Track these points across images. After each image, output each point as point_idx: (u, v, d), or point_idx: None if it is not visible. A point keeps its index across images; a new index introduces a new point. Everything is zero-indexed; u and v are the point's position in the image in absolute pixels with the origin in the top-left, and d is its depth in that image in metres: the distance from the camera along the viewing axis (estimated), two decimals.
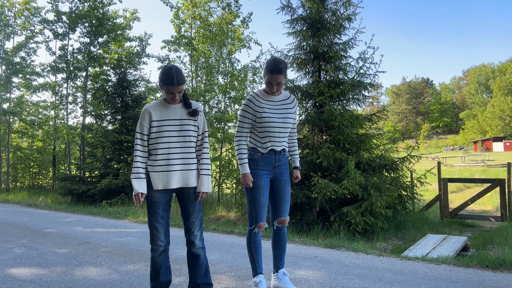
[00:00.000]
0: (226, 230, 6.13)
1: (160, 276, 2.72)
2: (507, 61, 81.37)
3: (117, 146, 12.44)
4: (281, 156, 3.02)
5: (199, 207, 2.76)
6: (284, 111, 2.98)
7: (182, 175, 2.68)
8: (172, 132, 2.64)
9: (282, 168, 3.04)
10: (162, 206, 2.67)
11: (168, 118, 2.65)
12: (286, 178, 3.06)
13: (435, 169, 8.84)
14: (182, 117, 2.68)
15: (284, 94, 3.05)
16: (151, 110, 2.65)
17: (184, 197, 2.73)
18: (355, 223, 6.40)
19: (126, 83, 13.10)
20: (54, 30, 15.92)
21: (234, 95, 13.09)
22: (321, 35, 7.96)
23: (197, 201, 2.73)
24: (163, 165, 2.64)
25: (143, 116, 2.65)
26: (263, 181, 2.94)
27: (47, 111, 17.94)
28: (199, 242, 2.77)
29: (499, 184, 8.28)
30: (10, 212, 8.97)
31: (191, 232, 2.74)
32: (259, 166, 2.94)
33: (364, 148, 7.88)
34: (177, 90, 2.58)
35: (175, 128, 2.65)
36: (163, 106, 2.68)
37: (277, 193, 3.03)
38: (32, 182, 19.98)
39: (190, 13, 13.72)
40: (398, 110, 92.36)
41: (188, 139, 2.68)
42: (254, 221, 2.94)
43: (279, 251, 3.08)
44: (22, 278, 3.53)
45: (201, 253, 2.78)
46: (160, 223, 2.66)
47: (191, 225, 2.73)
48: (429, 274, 3.62)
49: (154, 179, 2.63)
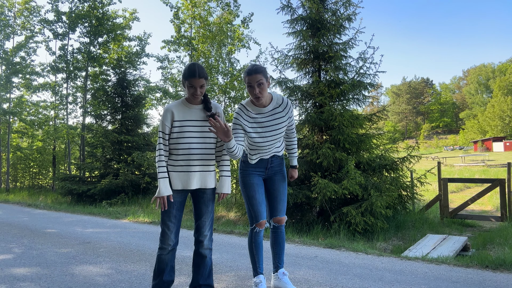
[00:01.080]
0: (226, 230, 6.13)
1: (164, 275, 2.72)
2: (507, 61, 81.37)
3: (117, 146, 12.44)
4: (274, 159, 3.02)
5: (212, 208, 2.77)
6: (273, 121, 2.88)
7: (201, 176, 2.68)
8: (193, 133, 2.64)
9: (276, 169, 3.05)
10: (176, 206, 2.67)
11: (190, 119, 2.65)
12: (280, 177, 3.06)
13: (435, 169, 8.84)
14: (204, 118, 2.68)
15: (276, 101, 2.90)
16: (174, 110, 2.64)
17: (200, 197, 2.74)
18: (355, 223, 6.40)
19: (126, 83, 13.10)
20: (54, 30, 15.92)
21: (234, 95, 13.09)
22: (321, 35, 7.96)
23: (218, 201, 2.79)
24: (183, 165, 2.64)
25: (165, 115, 2.63)
26: (255, 179, 2.96)
27: (47, 111, 17.95)
28: (208, 243, 2.77)
29: (499, 184, 8.27)
30: (10, 212, 8.97)
31: (201, 232, 2.75)
32: (251, 168, 2.98)
33: (364, 148, 7.88)
34: (198, 84, 2.58)
35: (196, 129, 2.65)
36: (185, 106, 2.68)
37: (271, 193, 3.04)
38: (32, 182, 19.99)
39: (190, 13, 13.73)
40: (398, 110, 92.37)
41: (208, 140, 2.69)
42: (254, 220, 2.94)
43: (277, 250, 3.08)
44: (22, 278, 3.53)
45: (207, 255, 2.79)
46: (173, 222, 2.66)
47: (202, 224, 2.74)
48: (429, 274, 3.62)
49: (173, 179, 2.63)
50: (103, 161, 12.70)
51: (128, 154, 12.25)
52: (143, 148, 12.79)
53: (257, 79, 2.70)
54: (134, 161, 11.78)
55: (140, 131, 13.49)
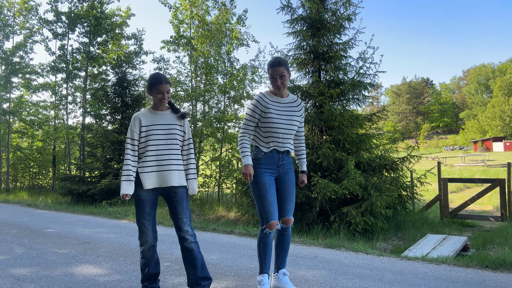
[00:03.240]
0: (226, 230, 6.13)
1: (150, 268, 2.91)
2: (507, 61, 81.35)
3: (117, 146, 12.43)
4: (284, 156, 3.02)
5: (187, 204, 2.91)
6: (290, 113, 3.00)
7: (170, 174, 2.85)
8: (160, 136, 2.86)
9: (286, 168, 3.03)
10: (149, 204, 2.87)
11: (156, 123, 2.88)
12: (290, 178, 3.05)
13: (435, 169, 8.84)
14: (169, 122, 2.91)
15: (292, 97, 3.08)
16: (141, 117, 2.89)
17: (172, 196, 2.89)
18: (355, 223, 6.40)
19: (126, 83, 13.10)
20: (53, 30, 15.91)
21: (234, 95, 13.09)
22: (321, 35, 7.96)
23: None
24: (152, 166, 2.84)
25: (133, 123, 2.89)
26: (267, 178, 2.93)
27: (46, 111, 17.94)
28: (191, 237, 2.88)
29: (499, 184, 8.28)
30: (10, 212, 8.97)
31: (181, 228, 2.87)
32: (262, 165, 2.94)
33: (364, 148, 7.89)
34: (165, 89, 2.84)
35: (163, 132, 2.87)
36: (151, 113, 2.93)
37: (281, 192, 3.01)
38: (32, 182, 19.97)
39: (188, 13, 13.75)
40: (398, 110, 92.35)
41: (174, 142, 2.90)
42: (265, 221, 2.88)
43: (281, 252, 3.06)
44: (22, 278, 3.53)
45: (194, 247, 2.88)
46: (147, 220, 2.86)
47: (181, 222, 2.87)
48: (429, 274, 3.62)
49: (144, 179, 2.83)
50: (103, 161, 12.69)
51: None
52: None
53: (279, 72, 2.88)
54: None
55: None
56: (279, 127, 2.92)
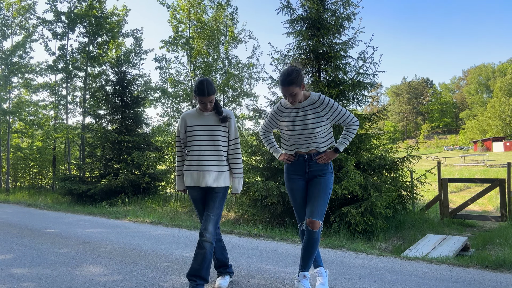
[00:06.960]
0: (226, 230, 6.13)
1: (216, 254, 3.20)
2: (507, 61, 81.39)
3: (117, 146, 12.42)
4: (312, 163, 2.99)
5: (219, 204, 2.99)
6: (308, 116, 2.93)
7: (209, 175, 2.96)
8: (202, 136, 2.98)
9: (316, 173, 3.00)
10: (198, 201, 3.07)
11: (199, 124, 3.00)
12: (317, 181, 2.99)
13: (435, 169, 8.84)
14: (213, 123, 3.01)
15: (312, 97, 2.96)
16: (186, 117, 3.06)
17: (210, 193, 3.01)
18: (355, 223, 6.40)
19: (126, 82, 13.09)
20: (53, 30, 15.90)
21: (232, 94, 13.11)
22: (320, 35, 7.96)
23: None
24: (194, 165, 2.98)
25: (180, 122, 3.08)
26: (294, 184, 3.05)
27: (46, 111, 17.93)
28: (209, 235, 2.90)
29: (499, 184, 8.28)
30: (10, 212, 8.97)
31: (203, 224, 2.94)
32: (290, 172, 3.07)
33: (364, 148, 7.88)
34: (207, 100, 2.92)
35: (205, 133, 2.99)
36: (197, 113, 3.05)
37: (308, 195, 3.02)
38: (32, 182, 19.96)
39: (186, 13, 13.76)
40: (398, 110, 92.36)
41: (217, 143, 2.99)
42: (298, 221, 3.13)
43: (305, 254, 2.95)
44: (22, 278, 3.53)
45: (206, 247, 2.89)
46: (198, 215, 3.13)
47: (207, 217, 2.94)
48: (429, 274, 3.62)
49: (186, 177, 3.02)
50: (103, 161, 12.69)
51: (128, 154, 12.24)
52: (143, 148, 12.78)
53: (290, 91, 2.83)
54: (134, 161, 11.77)
55: (140, 131, 13.47)
56: (296, 133, 2.97)
